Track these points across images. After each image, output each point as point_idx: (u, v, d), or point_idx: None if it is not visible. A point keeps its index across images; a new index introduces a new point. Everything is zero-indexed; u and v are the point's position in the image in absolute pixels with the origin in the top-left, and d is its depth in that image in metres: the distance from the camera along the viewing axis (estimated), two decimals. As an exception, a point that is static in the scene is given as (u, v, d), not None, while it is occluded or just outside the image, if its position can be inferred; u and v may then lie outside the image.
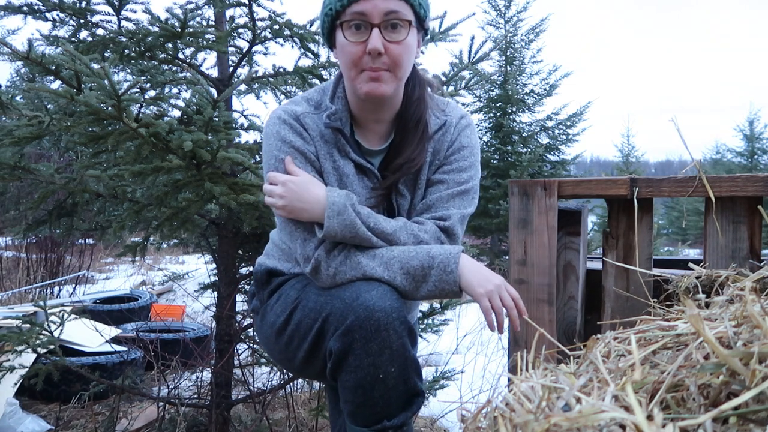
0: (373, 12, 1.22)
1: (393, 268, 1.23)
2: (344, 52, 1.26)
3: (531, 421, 0.62)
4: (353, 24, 1.23)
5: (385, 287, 1.21)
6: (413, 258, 1.24)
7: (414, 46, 1.29)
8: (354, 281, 1.24)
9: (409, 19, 1.24)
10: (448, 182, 1.37)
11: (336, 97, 1.35)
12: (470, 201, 1.39)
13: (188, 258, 8.48)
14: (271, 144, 1.32)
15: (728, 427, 0.57)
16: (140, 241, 2.48)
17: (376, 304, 1.16)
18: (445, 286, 1.23)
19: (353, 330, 1.16)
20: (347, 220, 1.23)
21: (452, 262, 1.23)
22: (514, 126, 9.80)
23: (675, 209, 17.27)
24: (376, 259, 1.24)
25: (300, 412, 2.68)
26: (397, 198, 1.37)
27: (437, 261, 1.23)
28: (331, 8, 1.26)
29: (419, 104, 1.35)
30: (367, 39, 1.23)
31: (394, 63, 1.25)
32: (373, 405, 1.19)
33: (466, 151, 1.40)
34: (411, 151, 1.33)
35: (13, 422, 2.48)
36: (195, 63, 2.36)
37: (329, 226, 1.22)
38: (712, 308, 0.97)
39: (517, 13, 10.23)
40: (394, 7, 1.22)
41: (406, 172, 1.34)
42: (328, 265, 1.25)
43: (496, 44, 2.78)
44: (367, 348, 1.16)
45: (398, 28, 1.24)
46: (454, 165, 1.39)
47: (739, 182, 1.43)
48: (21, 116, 2.10)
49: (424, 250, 1.25)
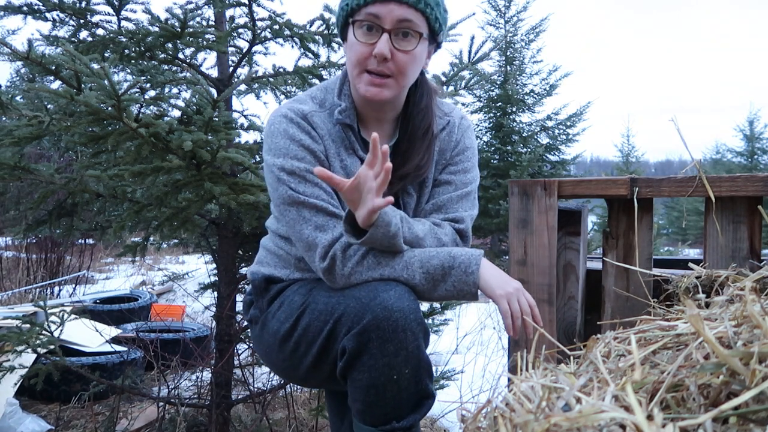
0: (387, 17, 1.21)
1: (412, 267, 1.22)
2: (352, 50, 1.26)
3: (531, 421, 0.62)
4: (365, 24, 1.23)
5: (402, 287, 1.20)
6: (434, 258, 1.24)
7: (422, 57, 1.29)
8: (369, 281, 1.22)
9: (420, 32, 1.24)
10: (456, 183, 1.39)
11: (343, 94, 1.34)
12: (474, 202, 1.42)
13: (188, 258, 8.47)
14: (278, 142, 1.29)
15: (728, 427, 0.57)
16: (140, 241, 2.48)
17: (395, 304, 1.15)
18: (463, 287, 1.23)
19: (370, 330, 1.14)
20: (393, 229, 1.20)
21: (473, 264, 1.23)
22: (514, 126, 9.80)
23: (675, 209, 17.27)
24: (396, 258, 1.23)
25: (300, 412, 2.68)
26: (404, 197, 1.37)
27: (458, 261, 1.23)
28: (347, 3, 1.26)
29: (427, 113, 1.35)
30: (376, 42, 1.23)
31: (399, 71, 1.25)
32: (384, 405, 1.18)
33: (469, 152, 1.43)
34: (419, 159, 1.33)
35: (13, 422, 2.48)
36: (195, 63, 2.36)
37: (373, 234, 1.18)
38: (712, 308, 0.97)
39: (517, 13, 10.23)
40: (409, 16, 1.22)
41: (412, 181, 1.35)
42: (344, 265, 1.23)
43: (496, 44, 2.78)
44: (384, 349, 1.14)
45: (409, 38, 1.24)
46: (460, 166, 1.41)
47: (739, 182, 1.43)
48: (21, 116, 2.09)
49: (445, 251, 1.25)
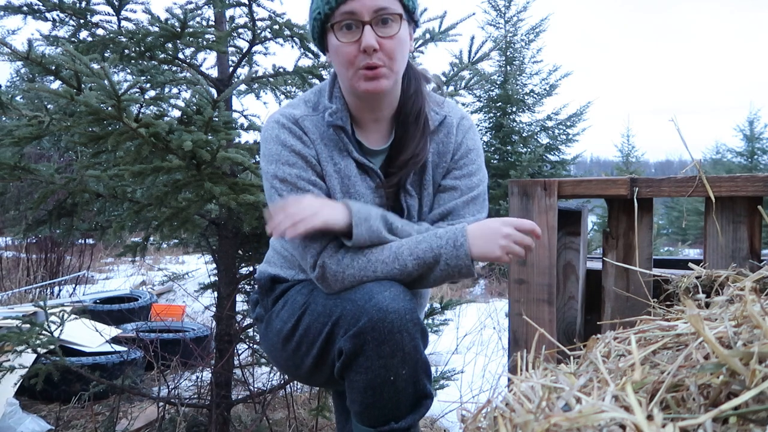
0: (363, 10, 1.21)
1: (403, 256, 1.22)
2: (338, 53, 1.25)
3: (531, 421, 0.62)
4: (344, 24, 1.23)
5: (398, 288, 1.19)
6: (421, 242, 1.23)
7: (407, 39, 1.29)
8: (364, 282, 1.21)
9: (399, 13, 1.24)
10: (461, 188, 1.37)
11: (334, 97, 1.33)
12: (482, 205, 1.40)
13: (188, 258, 8.46)
14: (271, 148, 1.30)
15: (728, 427, 0.57)
16: (140, 241, 2.48)
17: (390, 305, 1.14)
18: (457, 262, 1.22)
19: (365, 331, 1.14)
20: (373, 226, 1.21)
21: (460, 236, 1.22)
22: (514, 126, 9.80)
23: (675, 209, 17.26)
24: (385, 252, 1.22)
25: (300, 412, 2.68)
26: (406, 198, 1.35)
27: (444, 239, 1.22)
28: (319, 12, 1.25)
29: (417, 97, 1.34)
30: (359, 38, 1.22)
31: (390, 58, 1.24)
32: (381, 406, 1.18)
33: (473, 154, 1.40)
34: (415, 146, 1.32)
35: (13, 422, 2.48)
36: (195, 63, 2.36)
37: (358, 233, 1.19)
38: (712, 308, 0.97)
39: (517, 13, 10.24)
40: (383, 3, 1.22)
41: (411, 168, 1.33)
42: (336, 270, 1.22)
43: (496, 44, 2.78)
44: (380, 350, 1.14)
45: (389, 23, 1.23)
46: (464, 170, 1.38)
47: (739, 182, 1.43)
48: (21, 116, 2.09)
49: (431, 233, 1.25)
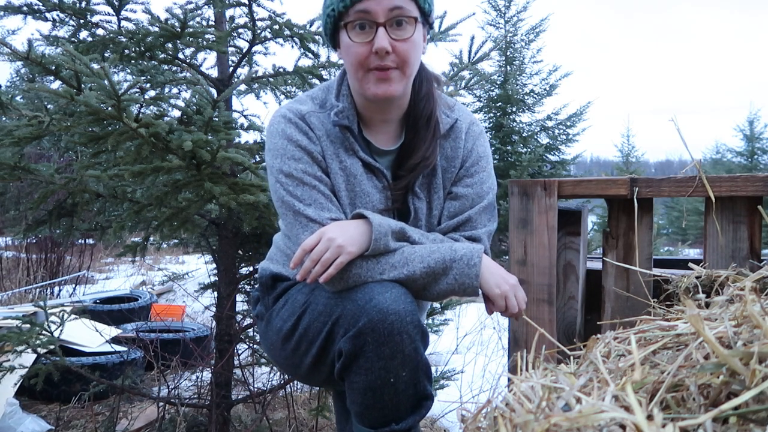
0: (378, 10, 1.18)
1: (413, 263, 1.21)
2: (350, 53, 1.23)
3: (531, 421, 0.62)
4: (358, 24, 1.20)
5: (399, 289, 1.18)
6: (435, 252, 1.22)
7: (421, 42, 1.26)
8: (367, 283, 1.20)
9: (414, 16, 1.21)
10: (473, 196, 1.37)
11: (341, 95, 1.31)
12: (494, 213, 1.40)
13: (188, 258, 8.47)
14: (277, 143, 1.28)
15: (728, 427, 0.57)
16: (140, 241, 2.48)
17: (390, 306, 1.13)
18: (465, 279, 1.22)
19: (365, 333, 1.13)
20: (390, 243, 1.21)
21: (476, 257, 1.22)
22: (514, 126, 9.81)
23: (675, 209, 17.26)
24: (396, 256, 1.21)
25: (300, 412, 2.68)
26: (414, 200, 1.33)
27: (460, 254, 1.22)
28: (333, 9, 1.22)
29: (428, 100, 1.32)
30: (372, 38, 1.19)
31: (402, 61, 1.22)
32: (381, 408, 1.18)
33: (484, 162, 1.40)
34: (425, 149, 1.30)
35: (13, 422, 2.48)
36: (195, 63, 2.36)
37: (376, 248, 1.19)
38: (712, 308, 0.97)
39: (517, 13, 10.25)
40: (399, 3, 1.19)
41: (420, 172, 1.31)
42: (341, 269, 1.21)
43: (496, 44, 2.78)
44: (379, 352, 1.13)
45: (404, 25, 1.21)
46: (476, 177, 1.37)
47: (739, 182, 1.43)
48: (21, 116, 2.09)
49: (447, 245, 1.25)
